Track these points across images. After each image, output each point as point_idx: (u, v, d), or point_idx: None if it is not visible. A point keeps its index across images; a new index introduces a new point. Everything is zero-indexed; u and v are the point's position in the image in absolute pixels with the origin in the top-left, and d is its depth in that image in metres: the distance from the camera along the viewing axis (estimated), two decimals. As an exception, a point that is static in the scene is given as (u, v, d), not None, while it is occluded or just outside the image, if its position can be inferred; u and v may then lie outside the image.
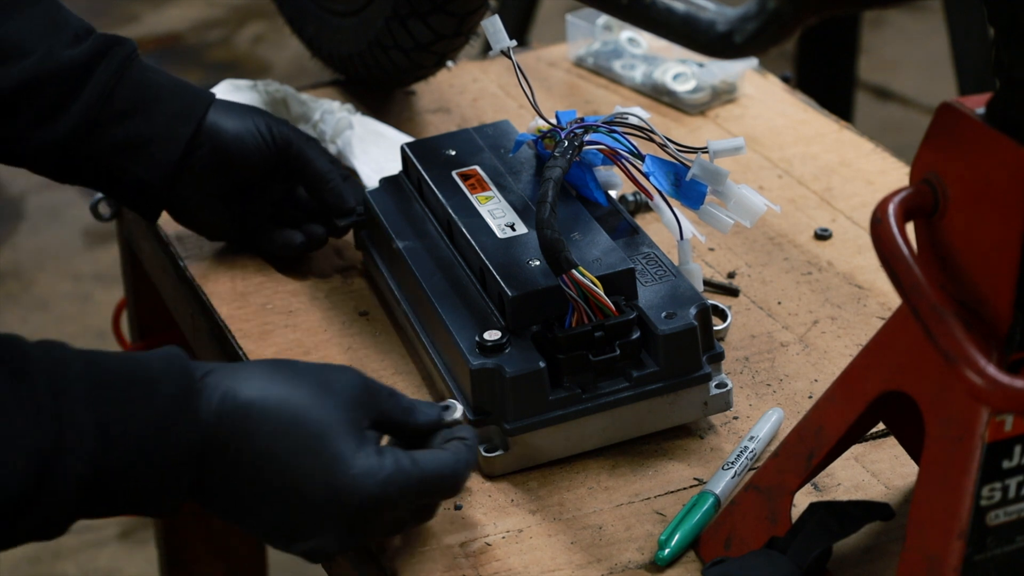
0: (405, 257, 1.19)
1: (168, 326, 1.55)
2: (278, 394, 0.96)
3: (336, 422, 0.96)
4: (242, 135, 1.27)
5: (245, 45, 3.83)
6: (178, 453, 0.94)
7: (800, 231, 1.36)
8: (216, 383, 0.96)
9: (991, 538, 0.89)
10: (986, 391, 0.81)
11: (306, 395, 0.97)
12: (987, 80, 2.20)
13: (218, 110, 1.28)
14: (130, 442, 0.92)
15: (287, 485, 0.95)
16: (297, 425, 0.96)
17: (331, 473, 0.95)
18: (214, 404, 0.95)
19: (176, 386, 0.94)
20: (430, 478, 0.98)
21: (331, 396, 0.98)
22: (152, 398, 0.93)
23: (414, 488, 0.97)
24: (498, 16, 1.22)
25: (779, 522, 0.98)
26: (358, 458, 0.96)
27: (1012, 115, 0.84)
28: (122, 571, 2.44)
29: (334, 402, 0.97)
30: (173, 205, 1.29)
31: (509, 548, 1.04)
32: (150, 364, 0.95)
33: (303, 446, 0.95)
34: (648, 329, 1.09)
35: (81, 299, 2.99)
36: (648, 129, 1.18)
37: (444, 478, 0.98)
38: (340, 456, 0.95)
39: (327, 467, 0.95)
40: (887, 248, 0.85)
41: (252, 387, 0.96)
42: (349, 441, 0.96)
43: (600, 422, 1.09)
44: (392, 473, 0.96)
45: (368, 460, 0.96)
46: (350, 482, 0.95)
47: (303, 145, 1.28)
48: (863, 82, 3.38)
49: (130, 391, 0.93)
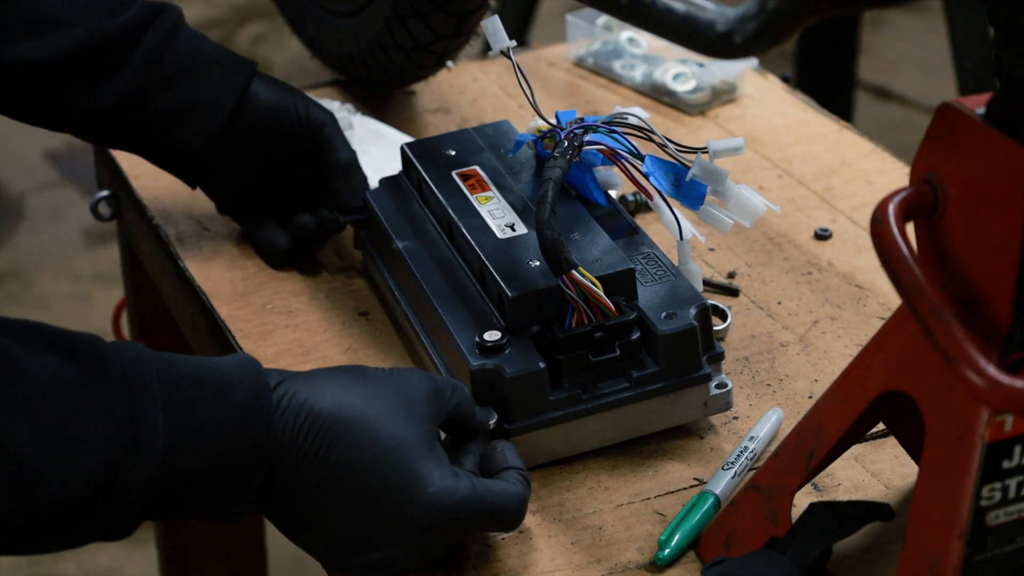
0: (405, 257, 1.19)
1: (168, 326, 1.55)
2: (354, 406, 0.97)
3: (413, 437, 0.97)
4: (278, 109, 1.27)
5: (245, 45, 3.84)
6: (249, 459, 0.94)
7: (800, 231, 1.36)
8: (292, 393, 0.96)
9: (991, 538, 0.89)
10: (986, 391, 0.81)
11: (383, 407, 0.97)
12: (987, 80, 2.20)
13: (262, 82, 1.28)
14: (201, 446, 0.93)
15: (363, 498, 0.95)
16: (375, 439, 0.96)
17: (408, 489, 0.95)
18: (290, 415, 0.95)
19: (250, 392, 0.94)
20: (500, 509, 0.98)
21: (406, 408, 0.98)
22: (226, 403, 0.94)
23: (485, 516, 0.98)
24: (498, 16, 1.22)
25: (779, 522, 0.98)
26: (434, 477, 0.96)
27: (1012, 115, 0.84)
28: (122, 571, 2.44)
29: (410, 415, 0.98)
30: (213, 172, 1.29)
31: (509, 549, 1.04)
32: (225, 369, 0.95)
33: (381, 460, 0.95)
34: (648, 329, 1.09)
35: (81, 299, 2.99)
36: (648, 129, 1.18)
37: (510, 511, 0.99)
38: (417, 473, 0.96)
39: (404, 483, 0.95)
40: (887, 248, 0.85)
41: (329, 398, 0.96)
42: (426, 458, 0.96)
43: (600, 422, 1.09)
44: (466, 497, 0.97)
45: (444, 481, 0.96)
46: (426, 500, 0.95)
47: (333, 133, 1.29)
48: (863, 82, 3.38)
49: (204, 395, 0.94)
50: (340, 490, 0.96)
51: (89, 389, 0.91)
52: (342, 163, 1.29)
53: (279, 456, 0.95)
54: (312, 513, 0.97)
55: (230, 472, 0.94)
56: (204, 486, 0.94)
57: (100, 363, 0.92)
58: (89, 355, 0.93)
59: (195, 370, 0.95)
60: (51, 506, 0.90)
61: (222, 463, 0.94)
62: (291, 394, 0.96)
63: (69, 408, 0.90)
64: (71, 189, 3.33)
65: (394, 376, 1.00)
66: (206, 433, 0.93)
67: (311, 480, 0.95)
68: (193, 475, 0.93)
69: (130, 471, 0.91)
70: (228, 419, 0.94)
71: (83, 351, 0.93)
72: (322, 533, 0.97)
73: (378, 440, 0.96)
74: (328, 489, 0.96)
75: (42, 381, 0.90)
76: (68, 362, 0.92)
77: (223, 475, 0.94)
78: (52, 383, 0.91)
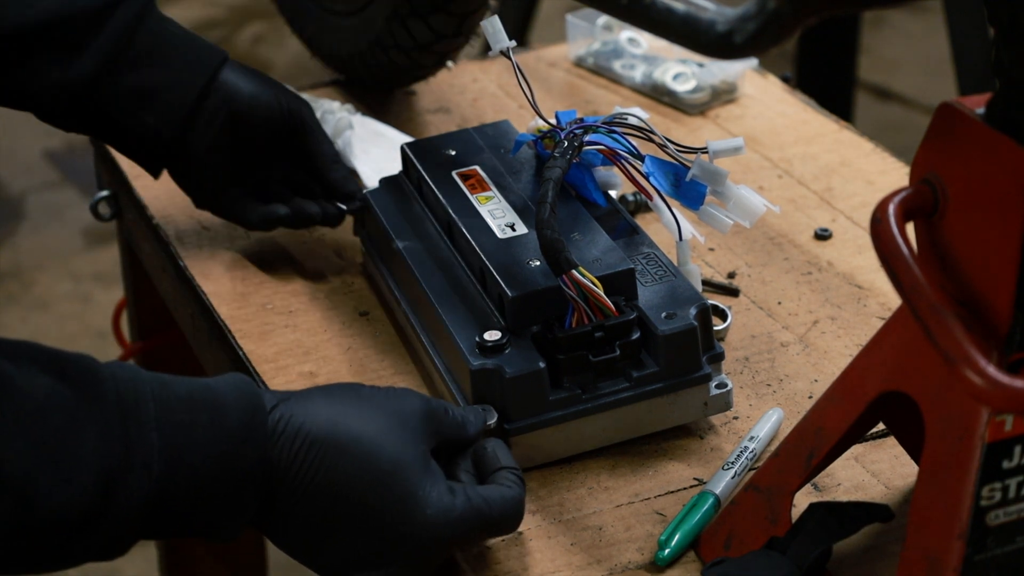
0: (405, 257, 1.19)
1: (168, 326, 1.55)
2: (350, 428, 0.96)
3: (410, 458, 0.97)
4: (257, 97, 1.27)
5: (245, 45, 3.83)
6: (245, 480, 0.94)
7: (800, 231, 1.36)
8: (288, 417, 0.96)
9: (991, 538, 0.89)
10: (986, 391, 0.81)
11: (379, 430, 0.97)
12: (987, 80, 2.19)
13: (235, 69, 1.28)
14: (197, 466, 0.92)
15: (362, 520, 0.96)
16: (372, 461, 0.96)
17: (407, 512, 0.96)
18: (286, 439, 0.95)
19: (244, 414, 0.94)
20: (497, 517, 0.99)
21: (402, 430, 0.98)
22: (221, 424, 0.93)
23: (484, 527, 0.98)
24: (498, 16, 1.22)
25: (779, 522, 0.98)
26: (431, 497, 0.96)
27: (1012, 115, 0.84)
28: (122, 571, 2.44)
29: (406, 437, 0.98)
30: (178, 159, 1.28)
31: (509, 550, 1.04)
32: (219, 390, 0.95)
33: (379, 483, 0.95)
34: (648, 329, 1.09)
35: (81, 299, 2.99)
36: (648, 129, 1.18)
37: (507, 518, 0.99)
38: (415, 495, 0.96)
39: (403, 505, 0.96)
40: (887, 248, 0.85)
41: (324, 421, 0.96)
42: (422, 478, 0.97)
43: (600, 422, 1.09)
44: (464, 512, 0.97)
45: (442, 500, 0.97)
46: (424, 520, 0.96)
47: (315, 126, 1.28)
48: (863, 82, 3.38)
49: (199, 416, 0.93)
50: (338, 513, 0.96)
51: (83, 409, 0.90)
52: (329, 153, 1.29)
53: (276, 480, 0.95)
54: (310, 534, 0.97)
55: (226, 492, 0.94)
56: (199, 507, 0.93)
57: (94, 383, 0.92)
58: (83, 375, 0.92)
59: (190, 391, 0.94)
60: (45, 525, 0.89)
61: (218, 483, 0.93)
62: (287, 418, 0.96)
63: (63, 427, 0.89)
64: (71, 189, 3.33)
65: (389, 396, 1.00)
66: (201, 453, 0.93)
67: (309, 503, 0.95)
68: (188, 496, 0.93)
69: (124, 490, 0.90)
70: (223, 439, 0.93)
71: (77, 371, 0.92)
72: (321, 553, 0.97)
73: (375, 463, 0.96)
74: (327, 512, 0.95)
75: (36, 400, 0.89)
76: (62, 382, 0.91)
77: (219, 496, 0.94)
78: (46, 403, 0.90)
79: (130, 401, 0.92)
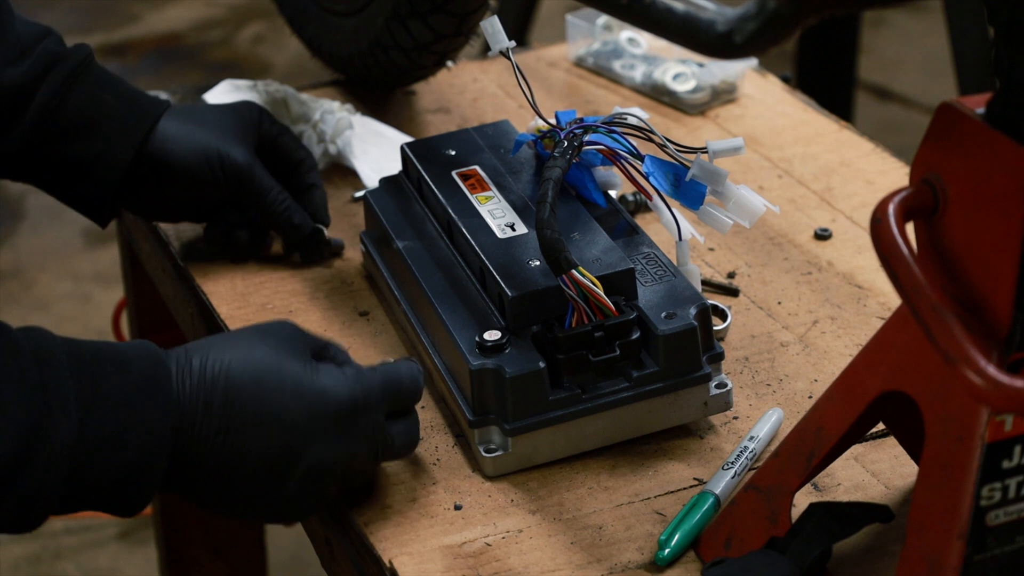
0: (405, 257, 1.20)
1: (168, 326, 1.55)
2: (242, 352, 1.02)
3: (292, 356, 1.02)
4: (189, 164, 1.27)
5: (245, 45, 3.84)
6: (156, 424, 0.97)
7: (800, 231, 1.36)
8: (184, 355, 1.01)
9: (991, 538, 0.89)
10: (986, 391, 0.81)
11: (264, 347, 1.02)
12: (987, 80, 2.19)
13: (169, 128, 1.27)
14: (109, 412, 0.96)
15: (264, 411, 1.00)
16: (266, 369, 1.01)
17: (302, 390, 1.01)
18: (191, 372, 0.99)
19: (147, 363, 0.99)
20: (391, 378, 1.04)
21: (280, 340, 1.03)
22: (127, 374, 0.98)
23: (379, 387, 1.04)
24: (498, 16, 1.22)
25: (779, 522, 0.98)
26: (320, 373, 1.02)
27: (1012, 115, 0.84)
28: (122, 571, 2.44)
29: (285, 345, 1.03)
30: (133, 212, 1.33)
31: (509, 548, 1.04)
32: (121, 347, 1.00)
33: (276, 382, 1.01)
34: (648, 329, 1.09)
35: (81, 299, 2.99)
36: (647, 129, 1.18)
37: (403, 380, 1.05)
38: (304, 375, 1.02)
39: (298, 387, 1.01)
40: (887, 248, 0.85)
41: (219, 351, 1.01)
42: (307, 365, 1.03)
43: (600, 422, 1.09)
44: (354, 376, 1.03)
45: (331, 372, 1.03)
46: (320, 390, 1.01)
47: (253, 177, 1.28)
48: (863, 82, 3.38)
49: (105, 367, 0.98)
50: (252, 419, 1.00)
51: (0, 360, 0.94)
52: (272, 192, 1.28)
53: (187, 416, 0.98)
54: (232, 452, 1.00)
55: (141, 435, 0.97)
56: (117, 456, 0.96)
57: (6, 338, 0.95)
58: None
59: (95, 348, 0.99)
60: None
61: (131, 427, 0.96)
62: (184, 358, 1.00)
63: None
64: (71, 189, 3.33)
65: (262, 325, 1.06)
66: (113, 400, 0.96)
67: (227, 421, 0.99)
68: (106, 443, 0.96)
69: (46, 438, 0.93)
70: (130, 387, 0.97)
71: None
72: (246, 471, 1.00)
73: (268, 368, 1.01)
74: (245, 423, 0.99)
75: None
76: None
77: (134, 439, 0.96)
78: None
79: (44, 353, 0.96)
